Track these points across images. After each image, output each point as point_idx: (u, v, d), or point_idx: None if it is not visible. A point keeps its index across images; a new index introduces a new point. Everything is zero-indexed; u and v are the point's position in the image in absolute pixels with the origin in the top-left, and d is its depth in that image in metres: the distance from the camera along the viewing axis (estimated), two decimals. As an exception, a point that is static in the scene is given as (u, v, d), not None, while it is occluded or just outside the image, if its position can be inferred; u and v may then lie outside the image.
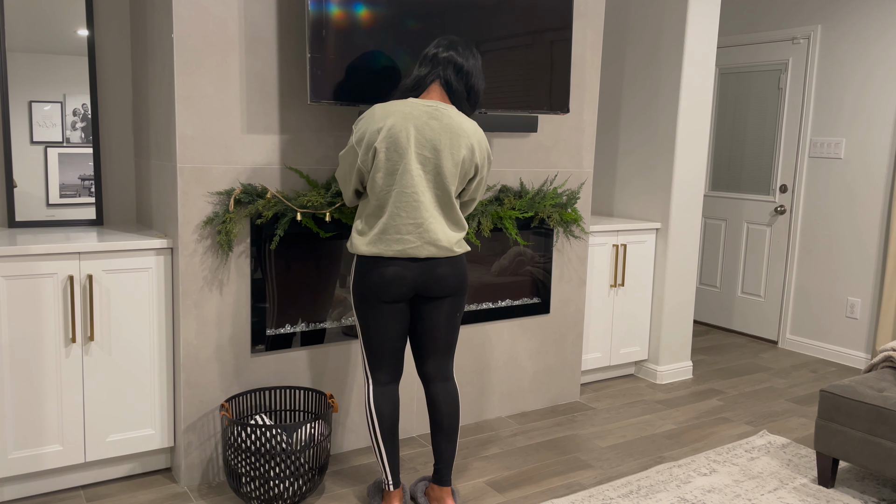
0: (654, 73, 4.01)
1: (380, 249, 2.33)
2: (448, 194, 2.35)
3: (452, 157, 2.32)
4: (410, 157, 2.29)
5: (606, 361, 3.98)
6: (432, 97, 2.39)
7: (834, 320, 4.61)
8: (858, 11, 4.41)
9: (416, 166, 2.30)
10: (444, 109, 2.34)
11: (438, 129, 2.31)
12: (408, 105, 2.33)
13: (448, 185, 2.34)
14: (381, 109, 2.34)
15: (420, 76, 2.40)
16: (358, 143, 2.33)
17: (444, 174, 2.32)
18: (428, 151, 2.30)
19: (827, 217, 4.63)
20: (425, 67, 2.40)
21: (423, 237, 2.33)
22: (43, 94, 2.87)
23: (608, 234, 3.84)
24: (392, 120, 2.29)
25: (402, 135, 2.28)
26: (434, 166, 2.31)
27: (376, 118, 2.32)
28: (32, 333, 2.46)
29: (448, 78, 2.39)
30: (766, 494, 2.78)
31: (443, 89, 2.40)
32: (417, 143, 2.29)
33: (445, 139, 2.31)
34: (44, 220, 2.92)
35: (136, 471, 2.79)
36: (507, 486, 2.81)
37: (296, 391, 2.84)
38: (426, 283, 2.38)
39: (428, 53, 2.42)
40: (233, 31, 2.59)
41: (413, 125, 2.29)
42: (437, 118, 2.32)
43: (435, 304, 2.44)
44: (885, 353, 2.99)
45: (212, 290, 2.67)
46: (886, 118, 4.30)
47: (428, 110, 2.32)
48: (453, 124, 2.33)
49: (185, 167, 2.56)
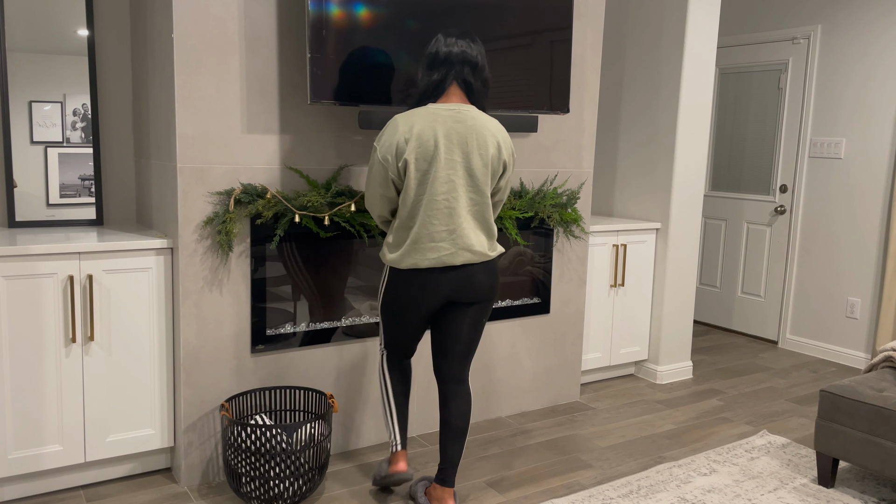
0: (655, 73, 4.01)
1: (415, 260, 2.32)
2: (482, 195, 2.35)
3: (481, 157, 2.32)
4: (440, 164, 2.28)
5: (606, 361, 3.98)
6: (452, 100, 2.36)
7: (834, 320, 4.61)
8: (858, 11, 4.41)
9: (446, 172, 2.29)
10: (465, 111, 2.33)
11: (464, 131, 2.30)
12: (429, 112, 2.31)
13: (481, 187, 2.34)
14: (404, 120, 2.32)
15: (437, 80, 2.35)
16: (386, 159, 2.31)
17: (476, 176, 2.33)
18: (457, 155, 2.30)
19: (827, 217, 4.63)
20: (439, 70, 2.35)
21: (457, 243, 2.33)
22: (43, 94, 2.87)
23: (608, 234, 3.84)
24: (418, 128, 2.28)
25: (429, 142, 2.28)
26: (465, 170, 2.31)
27: (400, 130, 2.30)
28: (32, 333, 2.46)
29: (466, 78, 2.36)
30: (766, 494, 2.78)
31: (461, 90, 2.38)
32: (446, 149, 2.29)
33: (472, 141, 2.31)
34: (44, 220, 2.92)
35: (136, 471, 2.79)
36: (507, 486, 2.81)
37: (296, 391, 2.84)
38: (460, 289, 2.38)
39: (439, 54, 2.35)
40: (233, 31, 2.59)
41: (439, 131, 2.28)
42: (461, 121, 2.31)
43: (463, 308, 2.45)
44: (885, 353, 2.99)
45: (212, 290, 2.67)
46: (886, 118, 4.30)
47: (451, 114, 2.31)
48: (477, 125, 2.32)
49: (185, 167, 2.56)
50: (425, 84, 2.37)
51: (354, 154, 2.92)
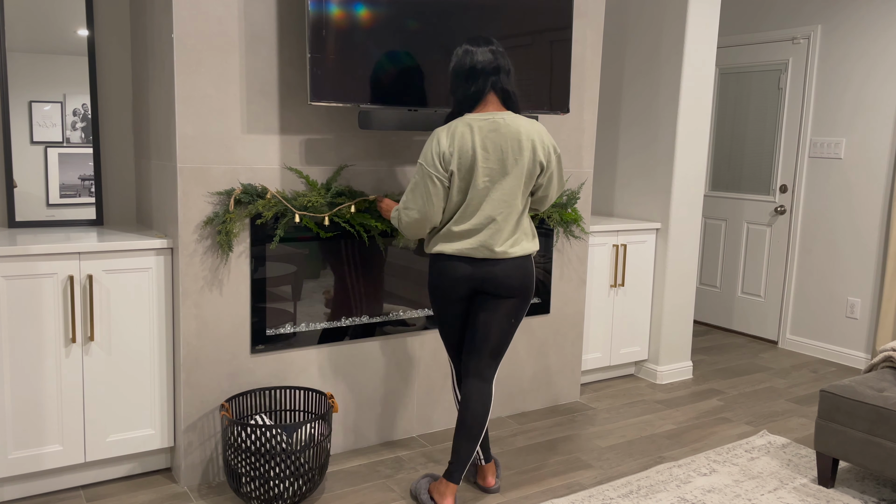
0: (655, 74, 4.01)
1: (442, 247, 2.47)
2: (515, 198, 2.43)
3: (517, 163, 2.40)
4: (478, 173, 2.39)
5: (606, 361, 3.98)
6: (489, 108, 2.44)
7: (834, 320, 4.61)
8: (858, 11, 4.41)
9: (484, 180, 2.39)
10: (500, 118, 2.41)
11: (500, 139, 2.39)
12: (467, 123, 2.40)
13: (515, 192, 2.43)
14: (445, 133, 2.41)
15: (474, 92, 2.41)
16: (435, 168, 2.39)
17: (511, 182, 2.41)
18: (493, 163, 2.39)
19: (827, 217, 4.63)
20: (476, 82, 2.41)
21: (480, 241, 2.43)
22: (43, 94, 2.87)
23: (608, 234, 3.84)
24: (458, 141, 2.38)
25: (468, 153, 2.38)
26: (501, 176, 2.40)
27: (443, 143, 2.39)
28: (32, 333, 2.46)
29: (502, 86, 2.44)
30: (766, 494, 2.78)
31: (498, 98, 2.45)
32: (483, 158, 2.38)
33: (508, 148, 2.39)
34: (44, 220, 2.92)
35: (136, 471, 2.79)
36: (507, 486, 2.81)
37: (296, 391, 2.84)
38: (484, 280, 2.48)
39: (474, 66, 2.41)
40: (233, 31, 2.59)
41: (477, 141, 2.37)
42: (497, 129, 2.39)
43: (491, 304, 2.52)
44: (885, 353, 2.99)
45: (212, 290, 2.67)
46: (886, 118, 4.30)
47: (487, 124, 2.39)
48: (511, 131, 2.40)
49: (185, 167, 2.56)
50: (462, 96, 2.44)
51: (354, 154, 2.92)
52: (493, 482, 2.73)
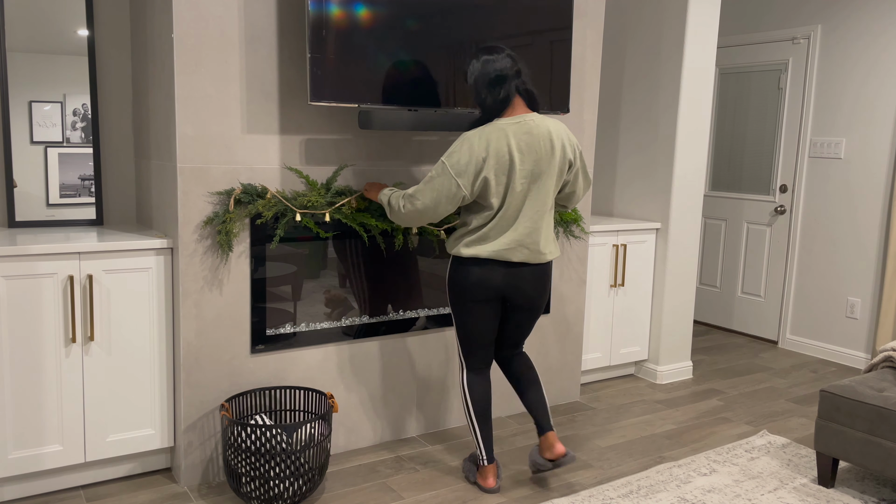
0: (655, 73, 4.01)
1: (476, 250, 2.51)
2: (548, 198, 2.53)
3: (550, 163, 2.50)
4: (516, 176, 2.46)
5: (606, 361, 3.98)
6: (517, 111, 2.51)
7: (834, 320, 4.61)
8: (858, 11, 4.41)
9: (522, 181, 2.47)
10: (529, 120, 2.49)
11: (532, 141, 2.46)
12: (499, 128, 2.46)
13: (549, 192, 2.53)
14: (478, 138, 2.45)
15: (503, 97, 2.47)
16: (461, 175, 2.44)
17: (545, 181, 2.51)
18: (529, 165, 2.47)
19: (827, 217, 4.63)
20: (503, 87, 2.47)
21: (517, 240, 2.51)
22: (43, 94, 2.87)
23: (608, 234, 3.84)
24: (494, 145, 2.43)
25: (505, 157, 2.44)
26: (537, 177, 2.49)
27: (476, 147, 2.43)
28: (32, 333, 2.47)
29: (526, 88, 2.52)
30: (766, 494, 2.78)
31: (523, 100, 2.52)
32: (520, 161, 2.45)
33: (541, 149, 2.47)
34: (44, 220, 2.92)
35: (136, 471, 2.79)
36: (506, 486, 2.81)
37: (296, 391, 2.84)
38: (515, 288, 2.57)
39: (500, 73, 2.46)
40: (233, 31, 2.59)
41: (513, 145, 2.44)
42: (528, 131, 2.47)
43: (516, 310, 2.65)
44: (885, 353, 2.99)
45: (212, 290, 2.67)
46: (886, 118, 4.30)
47: (519, 126, 2.47)
48: (541, 131, 2.48)
49: (185, 167, 2.56)
50: (491, 102, 2.49)
51: (354, 154, 2.92)
52: (494, 483, 2.73)
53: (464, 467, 2.87)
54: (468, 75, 2.54)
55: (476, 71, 2.50)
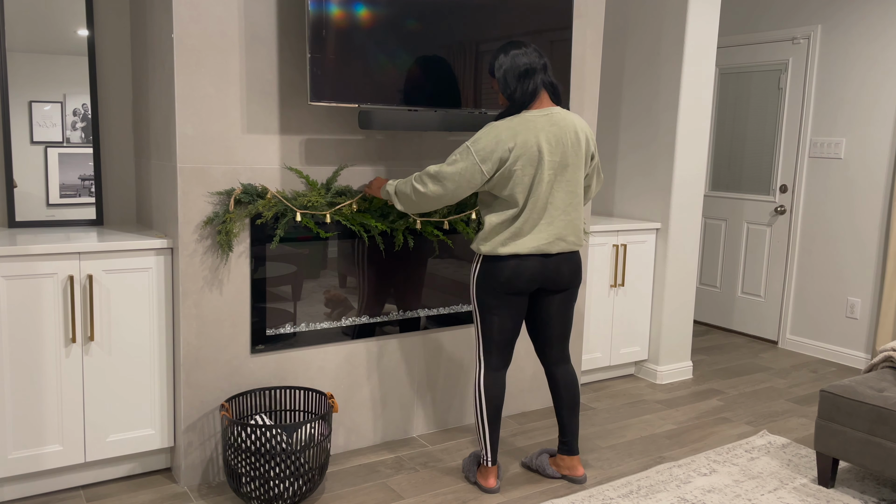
0: (655, 73, 4.01)
1: (516, 247, 2.54)
2: (577, 188, 2.59)
3: (576, 155, 2.55)
4: (544, 167, 2.49)
5: (606, 361, 3.98)
6: (543, 104, 2.56)
7: (834, 320, 4.61)
8: (858, 11, 4.41)
9: (549, 173, 2.51)
10: (556, 113, 2.54)
11: (559, 133, 2.51)
12: (527, 119, 2.50)
13: (577, 182, 2.58)
14: (506, 128, 2.48)
15: (532, 90, 2.51)
16: (485, 161, 2.46)
17: (572, 172, 2.56)
18: (557, 156, 2.51)
19: (827, 217, 4.63)
20: (531, 80, 2.51)
21: (554, 233, 2.56)
22: (43, 94, 2.87)
23: (608, 234, 3.84)
24: (522, 136, 2.47)
25: (533, 149, 2.47)
26: (563, 168, 2.53)
27: (503, 138, 2.46)
28: (32, 333, 2.46)
29: (550, 81, 2.57)
30: (766, 494, 2.78)
31: (548, 93, 2.57)
32: (549, 152, 2.49)
33: (567, 140, 2.52)
34: (44, 220, 2.92)
35: (136, 471, 2.79)
36: (507, 486, 2.81)
37: (296, 391, 2.84)
38: (551, 277, 2.61)
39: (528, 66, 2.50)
40: (233, 31, 2.59)
41: (541, 137, 2.48)
42: (556, 123, 2.52)
43: (552, 296, 2.68)
44: (885, 353, 2.99)
45: (212, 290, 2.67)
46: (886, 118, 4.30)
47: (546, 119, 2.52)
48: (567, 123, 2.54)
49: (185, 167, 2.56)
50: (520, 94, 2.52)
51: (354, 154, 2.92)
52: (495, 483, 2.73)
53: (464, 466, 2.87)
54: (495, 68, 2.57)
55: (505, 64, 2.54)
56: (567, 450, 2.82)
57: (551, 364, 2.79)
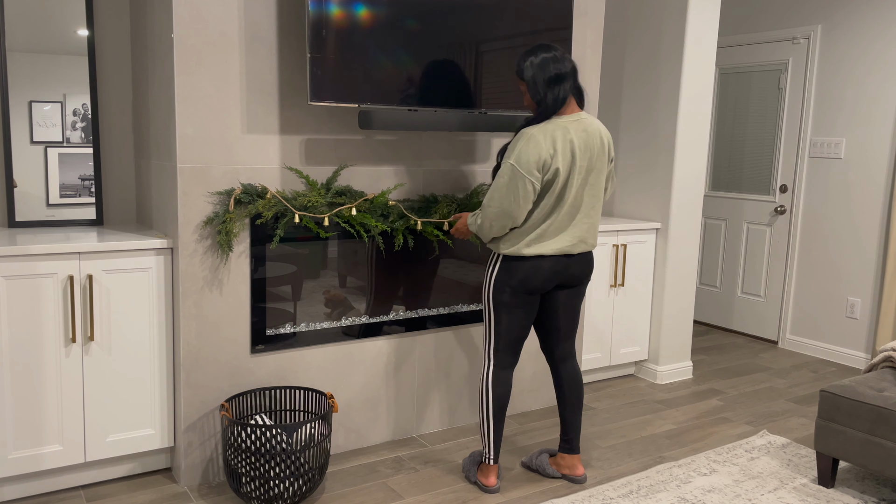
0: (654, 73, 4.01)
1: (539, 249, 2.58)
2: (599, 190, 2.64)
3: (600, 160, 2.61)
4: (575, 172, 2.55)
5: (606, 361, 3.98)
6: (572, 110, 2.59)
7: (834, 320, 4.61)
8: (858, 11, 4.41)
9: (579, 178, 2.56)
10: (584, 119, 2.59)
11: (587, 139, 2.57)
12: (561, 125, 2.54)
13: (601, 184, 2.63)
14: (541, 133, 2.51)
15: (562, 97, 2.54)
16: (531, 171, 2.49)
17: (597, 177, 2.61)
18: (585, 161, 2.57)
19: (827, 217, 4.63)
20: (562, 86, 2.53)
21: (576, 236, 2.61)
22: (43, 94, 2.87)
23: (608, 234, 3.84)
24: (560, 142, 2.51)
25: (568, 155, 2.53)
26: (589, 173, 2.58)
27: (543, 145, 2.49)
28: (32, 333, 2.46)
29: (579, 86, 2.61)
30: (766, 494, 2.78)
31: (575, 99, 2.61)
32: (580, 158, 2.55)
33: (594, 147, 2.58)
34: (44, 220, 2.92)
35: (136, 471, 2.79)
36: (507, 486, 2.81)
37: (296, 391, 2.84)
38: (566, 273, 2.65)
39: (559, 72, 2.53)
40: (233, 31, 2.59)
41: (575, 142, 2.53)
42: (585, 129, 2.57)
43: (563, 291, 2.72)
44: (885, 353, 2.99)
45: (212, 290, 2.67)
46: (886, 118, 4.30)
47: (577, 124, 2.56)
48: (594, 130, 2.59)
49: (185, 167, 2.56)
50: (551, 100, 2.54)
51: (354, 154, 2.92)
52: (495, 482, 2.73)
53: (464, 466, 2.87)
54: (524, 71, 2.57)
55: (535, 68, 2.54)
56: (568, 448, 2.83)
57: (557, 360, 2.81)
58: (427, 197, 3.07)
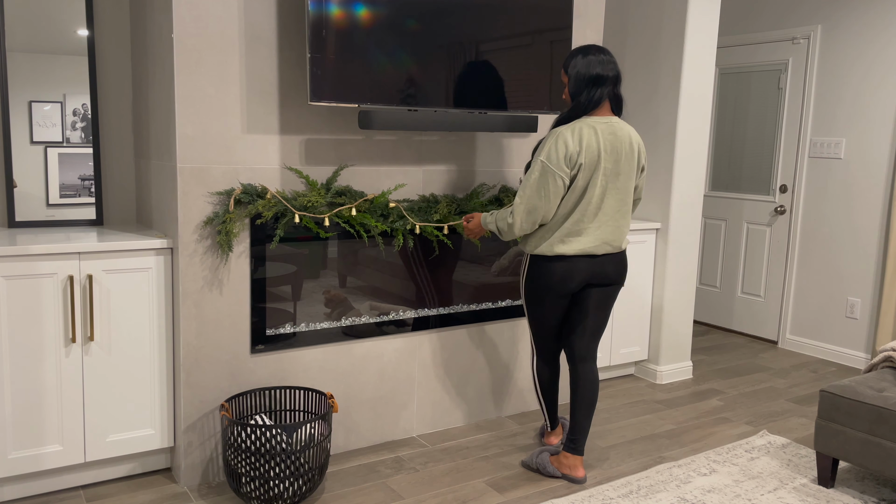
0: (654, 73, 4.01)
1: (562, 249, 2.63)
2: (626, 196, 2.67)
3: (628, 164, 2.64)
4: (599, 172, 2.59)
5: (606, 361, 3.98)
6: (605, 113, 2.64)
7: (834, 320, 4.61)
8: (858, 11, 4.41)
9: (603, 180, 2.60)
10: (616, 123, 2.63)
11: (616, 143, 2.60)
12: (590, 125, 2.58)
13: (626, 190, 2.66)
14: (570, 132, 2.56)
15: (597, 98, 2.59)
16: (561, 167, 2.55)
17: (624, 181, 2.64)
18: (611, 164, 2.60)
19: (827, 217, 4.63)
20: (600, 88, 2.59)
21: (600, 237, 2.65)
22: (43, 94, 2.87)
23: (608, 234, 3.84)
24: (586, 141, 2.56)
25: (594, 154, 2.56)
26: (616, 176, 2.62)
27: (571, 143, 2.55)
28: (32, 333, 2.46)
29: (617, 93, 2.65)
30: (766, 494, 2.78)
31: (610, 104, 2.65)
32: (605, 160, 2.58)
33: (623, 151, 2.61)
34: (44, 220, 2.92)
35: (136, 471, 2.79)
36: (507, 486, 2.81)
37: (296, 391, 2.84)
38: (598, 272, 2.70)
39: (601, 74, 2.58)
40: (233, 31, 2.59)
41: (602, 143, 2.57)
42: (614, 133, 2.61)
43: (596, 290, 2.75)
44: (885, 353, 2.99)
45: (212, 290, 2.67)
46: (886, 118, 4.30)
47: (606, 127, 2.60)
48: (624, 135, 2.63)
49: (185, 167, 2.56)
50: (585, 99, 2.60)
51: (354, 154, 2.92)
52: (583, 472, 2.84)
53: (536, 462, 2.92)
54: (569, 67, 2.62)
55: (579, 66, 2.60)
56: (573, 448, 2.84)
57: (577, 359, 2.82)
58: (427, 197, 3.07)
